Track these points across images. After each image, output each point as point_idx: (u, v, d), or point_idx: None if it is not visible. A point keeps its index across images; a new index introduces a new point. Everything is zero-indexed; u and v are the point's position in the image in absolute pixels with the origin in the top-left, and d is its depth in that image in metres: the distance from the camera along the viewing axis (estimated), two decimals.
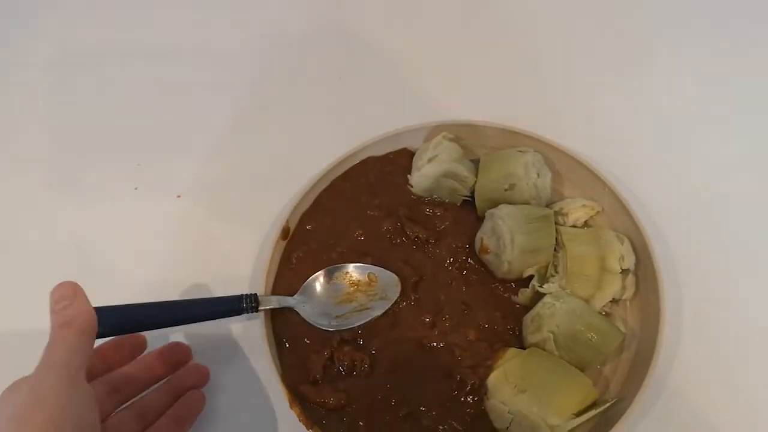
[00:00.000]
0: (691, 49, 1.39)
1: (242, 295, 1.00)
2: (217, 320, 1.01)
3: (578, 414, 0.88)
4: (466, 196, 1.12)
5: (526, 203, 1.07)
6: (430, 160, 1.11)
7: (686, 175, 1.21)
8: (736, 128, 1.27)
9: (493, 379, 0.93)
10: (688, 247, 1.12)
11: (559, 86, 1.35)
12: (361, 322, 1.01)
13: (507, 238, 1.00)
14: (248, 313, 0.99)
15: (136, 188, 1.25)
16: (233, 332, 1.08)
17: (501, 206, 1.04)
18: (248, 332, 1.07)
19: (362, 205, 1.14)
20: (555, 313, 0.94)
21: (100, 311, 0.91)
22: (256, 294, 1.00)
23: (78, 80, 1.39)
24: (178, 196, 1.23)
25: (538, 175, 1.08)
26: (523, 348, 0.98)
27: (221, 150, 1.29)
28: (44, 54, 1.43)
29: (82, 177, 1.26)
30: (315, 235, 1.11)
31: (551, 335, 0.94)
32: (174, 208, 1.22)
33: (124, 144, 1.31)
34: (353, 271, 1.05)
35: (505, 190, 1.07)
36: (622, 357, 1.00)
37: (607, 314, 1.01)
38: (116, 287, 1.05)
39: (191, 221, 1.20)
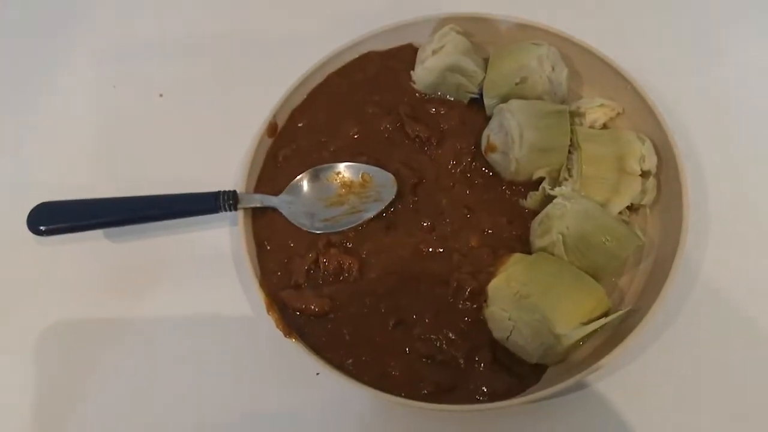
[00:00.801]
0: None
1: (219, 191, 0.91)
2: (193, 221, 0.95)
3: (587, 323, 0.78)
4: (474, 94, 1.01)
5: (539, 99, 0.96)
6: (434, 52, 1.00)
7: (717, 73, 1.09)
8: None
9: (494, 285, 0.84)
10: (717, 152, 1.01)
11: None
12: (352, 225, 0.92)
13: (516, 134, 0.89)
14: (226, 211, 0.91)
15: (114, 86, 1.15)
16: (211, 234, 1.00)
17: (511, 101, 0.93)
18: (227, 234, 0.99)
19: (359, 101, 1.04)
20: (565, 213, 0.84)
21: (62, 204, 0.84)
22: (235, 191, 0.92)
23: None
24: (160, 95, 1.13)
25: (553, 68, 0.97)
26: (529, 255, 0.88)
27: (205, 45, 1.19)
28: None
29: (57, 77, 1.18)
30: (305, 132, 1.02)
31: (560, 237, 0.84)
32: (156, 108, 1.13)
33: (102, 43, 1.21)
34: (345, 170, 0.96)
35: (517, 84, 0.96)
36: (639, 268, 0.90)
37: (625, 222, 0.90)
38: (95, 184, 1.01)
39: (174, 120, 1.11)
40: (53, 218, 0.90)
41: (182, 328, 0.93)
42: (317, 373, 0.86)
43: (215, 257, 0.98)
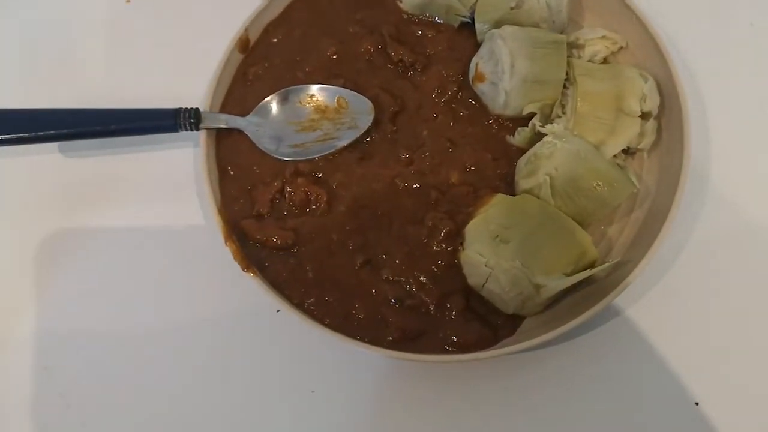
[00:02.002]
0: None
1: (180, 108, 0.83)
2: (156, 138, 0.89)
3: (570, 275, 0.72)
4: (465, 17, 0.93)
5: (536, 26, 0.88)
6: None
7: (736, 16, 1.00)
8: None
9: (472, 227, 0.78)
10: (725, 100, 0.93)
11: None
12: (323, 153, 0.85)
13: (506, 63, 0.82)
14: (186, 130, 0.83)
15: None
16: (174, 153, 0.93)
17: (504, 26, 0.85)
18: (191, 155, 0.92)
19: (340, 18, 0.95)
20: (554, 153, 0.77)
21: (6, 113, 0.77)
22: (197, 109, 0.84)
23: None
24: (127, 1, 1.04)
25: None
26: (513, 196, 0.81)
27: None
28: None
29: None
30: (279, 49, 0.93)
31: (547, 179, 0.77)
32: (122, 14, 1.04)
33: None
34: (319, 93, 0.88)
35: (512, 8, 0.88)
36: (631, 217, 0.84)
37: (619, 166, 0.83)
38: (51, 93, 0.95)
39: (141, 29, 1.03)
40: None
41: (136, 252, 0.88)
42: (278, 310, 0.80)
43: (177, 178, 0.92)
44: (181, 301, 0.84)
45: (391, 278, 0.78)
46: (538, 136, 0.82)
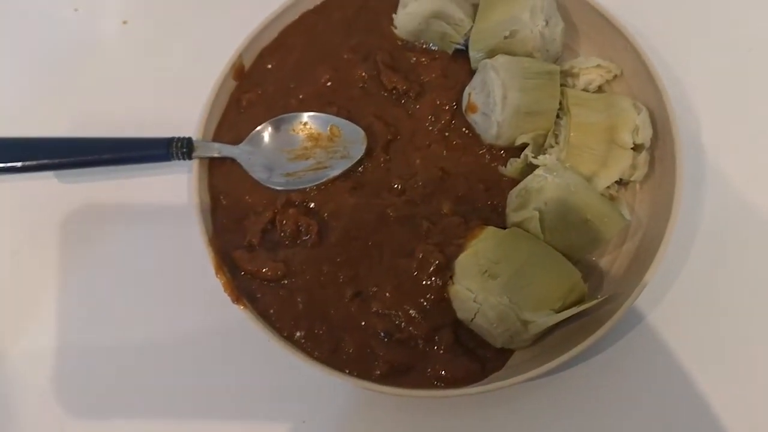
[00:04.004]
0: None
1: (173, 138, 0.83)
2: (144, 169, 0.90)
3: (559, 310, 0.71)
4: (459, 45, 0.93)
5: (529, 55, 0.88)
6: None
7: (734, 45, 0.99)
8: None
9: (462, 260, 0.77)
10: (720, 132, 0.92)
11: None
12: (315, 182, 0.85)
13: (498, 95, 0.82)
14: (179, 159, 0.83)
15: (76, 9, 1.06)
16: (168, 179, 0.93)
17: (498, 56, 0.85)
18: (185, 181, 0.91)
19: (334, 44, 0.95)
20: (545, 187, 0.77)
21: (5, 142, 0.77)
22: (190, 138, 0.84)
23: None
24: (124, 22, 1.04)
25: (547, 23, 0.88)
26: (505, 228, 0.80)
27: None
28: None
29: None
30: (273, 76, 0.94)
31: (536, 214, 0.76)
32: (118, 35, 1.05)
33: None
34: (312, 121, 0.88)
35: (505, 37, 0.87)
36: (622, 249, 0.84)
37: (612, 198, 0.83)
38: (48, 117, 0.96)
39: (136, 52, 1.03)
40: None
41: (129, 277, 0.89)
42: (269, 340, 0.80)
43: (172, 203, 0.92)
44: (172, 328, 0.85)
45: (380, 311, 0.78)
46: (531, 167, 0.82)
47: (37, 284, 0.89)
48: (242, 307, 0.77)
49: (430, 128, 0.89)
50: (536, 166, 0.81)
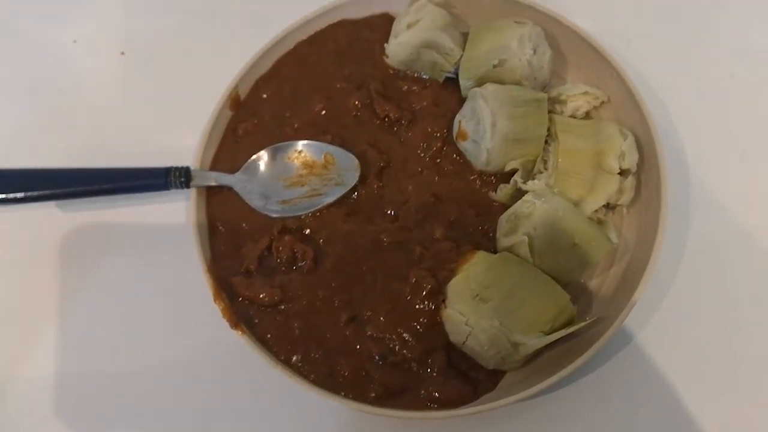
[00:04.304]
0: None
1: (171, 168, 0.85)
2: (143, 197, 0.90)
3: (548, 333, 0.73)
4: (450, 73, 0.95)
5: (518, 83, 0.90)
6: (409, 26, 0.94)
7: (719, 71, 1.01)
8: None
9: (453, 285, 0.79)
10: (706, 157, 0.95)
11: None
12: (311, 209, 0.87)
13: (488, 122, 0.84)
14: (177, 188, 0.85)
15: (75, 41, 1.08)
16: (167, 207, 0.94)
17: (487, 85, 0.87)
18: (184, 209, 0.93)
19: (328, 74, 0.97)
20: (533, 212, 0.79)
21: (5, 173, 0.79)
22: (188, 168, 0.86)
23: None
24: (122, 53, 1.06)
25: (535, 51, 0.91)
26: (495, 253, 0.82)
27: (174, 2, 1.11)
28: None
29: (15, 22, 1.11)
30: (269, 105, 0.96)
31: (525, 239, 0.78)
32: (116, 66, 1.06)
33: None
34: (306, 149, 0.90)
35: (494, 66, 0.90)
36: (610, 272, 0.86)
37: (599, 221, 0.85)
38: (47, 148, 0.98)
39: (134, 82, 1.05)
40: None
41: (128, 305, 0.90)
42: (266, 364, 0.81)
43: (171, 231, 0.93)
44: (172, 354, 0.86)
45: (375, 335, 0.80)
46: (520, 193, 0.84)
47: (37, 311, 0.90)
48: (240, 332, 0.79)
49: (422, 155, 0.91)
50: (526, 192, 0.83)
